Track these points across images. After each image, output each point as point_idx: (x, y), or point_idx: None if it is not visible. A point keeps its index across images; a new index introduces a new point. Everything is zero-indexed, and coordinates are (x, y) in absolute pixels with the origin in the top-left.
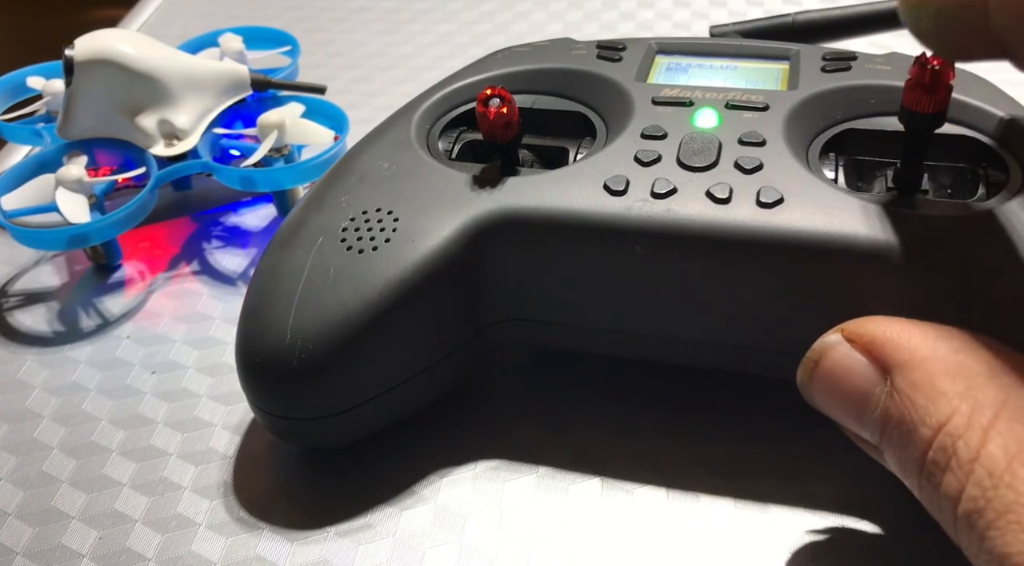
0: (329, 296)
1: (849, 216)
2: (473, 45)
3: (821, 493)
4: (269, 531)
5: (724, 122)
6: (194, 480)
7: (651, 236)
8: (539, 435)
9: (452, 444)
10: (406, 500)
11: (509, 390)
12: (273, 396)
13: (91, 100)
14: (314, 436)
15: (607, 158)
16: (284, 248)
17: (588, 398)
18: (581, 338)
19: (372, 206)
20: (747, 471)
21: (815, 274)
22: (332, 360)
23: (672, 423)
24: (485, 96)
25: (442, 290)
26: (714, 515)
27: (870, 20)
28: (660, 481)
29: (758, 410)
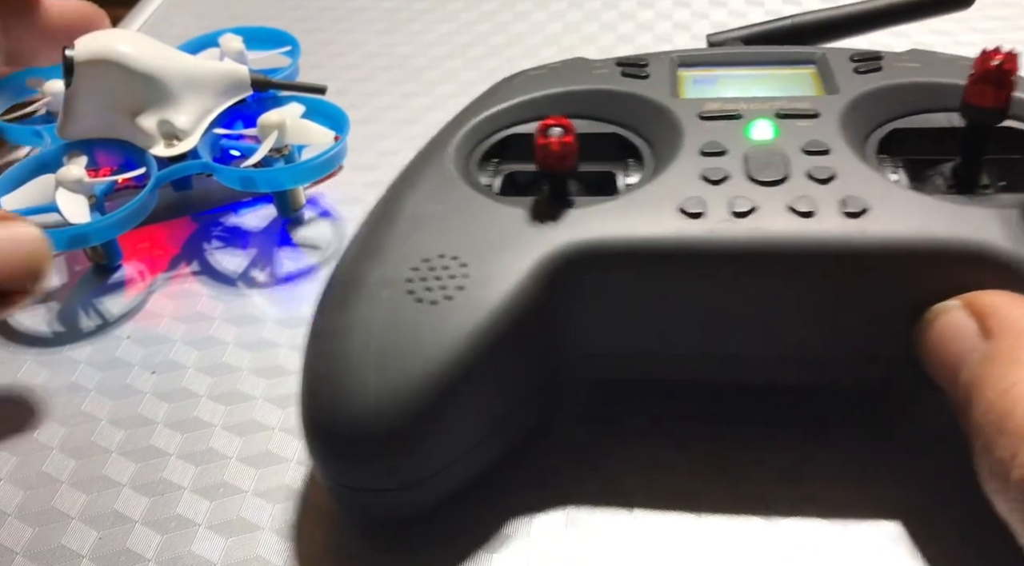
0: (410, 354)
1: (938, 218)
2: (473, 45)
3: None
4: (269, 531)
5: (781, 133)
6: (194, 480)
7: (739, 257)
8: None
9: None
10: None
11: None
12: (361, 469)
13: (91, 100)
14: (404, 506)
15: (671, 180)
16: (346, 306)
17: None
18: (662, 367)
19: (434, 253)
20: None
21: (910, 280)
22: (425, 422)
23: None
24: (545, 126)
25: (523, 334)
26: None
27: (867, 18)
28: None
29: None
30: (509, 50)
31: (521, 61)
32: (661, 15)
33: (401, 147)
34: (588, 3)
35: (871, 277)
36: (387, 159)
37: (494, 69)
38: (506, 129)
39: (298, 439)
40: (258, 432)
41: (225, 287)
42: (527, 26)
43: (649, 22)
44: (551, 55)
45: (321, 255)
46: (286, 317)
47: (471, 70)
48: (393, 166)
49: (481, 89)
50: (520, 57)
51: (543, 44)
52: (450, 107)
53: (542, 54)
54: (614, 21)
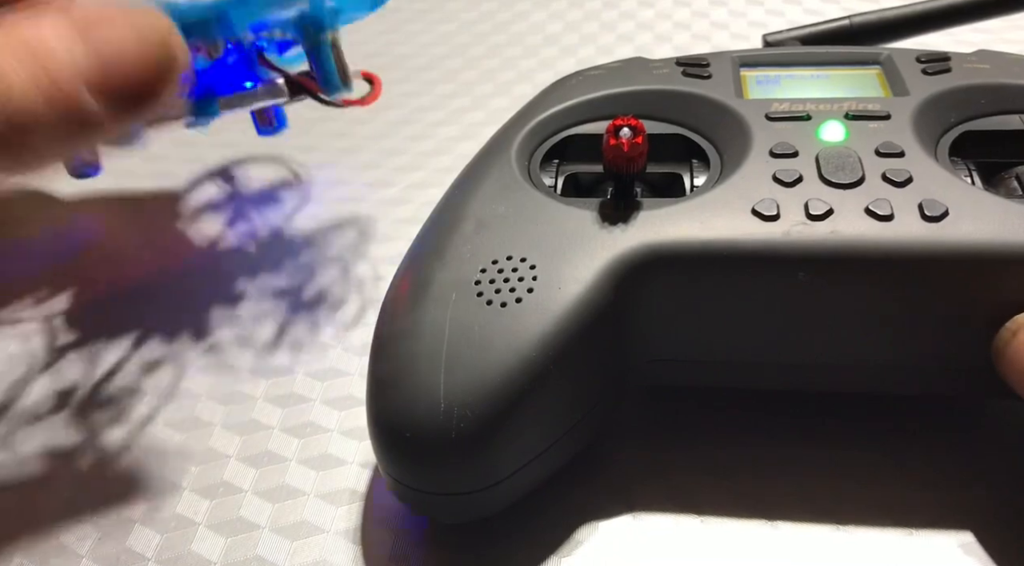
0: (481, 357)
1: (1020, 222)
2: (473, 45)
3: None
4: (268, 531)
5: (851, 134)
6: (194, 480)
7: (816, 261)
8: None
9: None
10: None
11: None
12: (430, 472)
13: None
14: (471, 509)
15: (742, 182)
16: (413, 308)
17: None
18: (729, 373)
19: (501, 254)
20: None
21: (991, 285)
22: (495, 426)
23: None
24: (615, 126)
25: (593, 337)
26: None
27: (927, 18)
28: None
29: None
30: (509, 50)
31: (521, 61)
32: (661, 15)
33: (401, 147)
34: (588, 3)
35: (951, 282)
36: (389, 160)
37: (494, 69)
38: (566, 130)
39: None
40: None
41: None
42: (527, 26)
43: (649, 22)
44: (551, 55)
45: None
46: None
47: (470, 70)
48: (394, 167)
49: (481, 89)
50: (520, 57)
51: (543, 44)
52: (450, 107)
53: (542, 54)
54: (614, 21)
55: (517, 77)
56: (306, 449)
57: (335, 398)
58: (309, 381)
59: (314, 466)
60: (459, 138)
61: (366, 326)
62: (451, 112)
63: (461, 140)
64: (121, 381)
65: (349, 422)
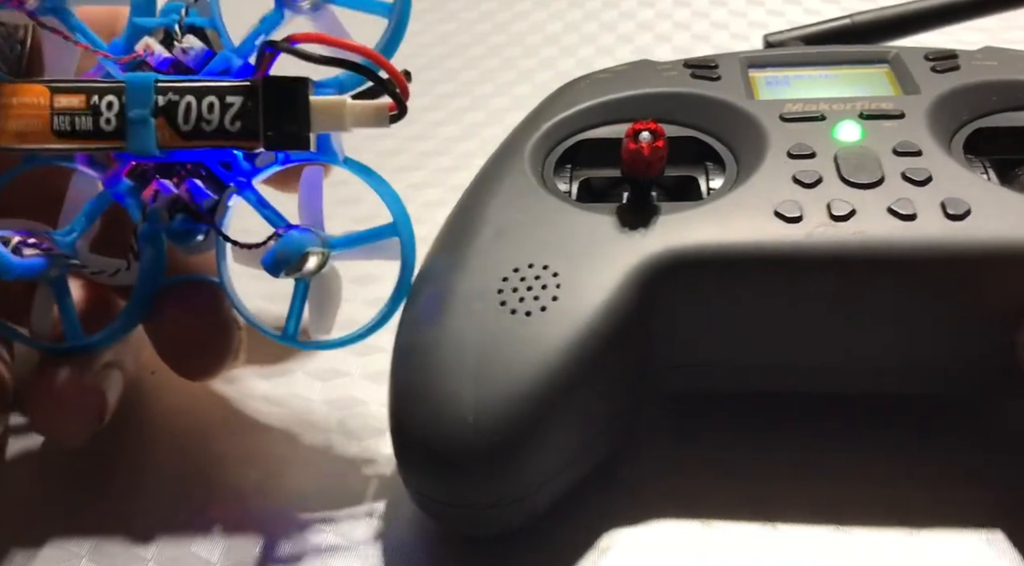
0: (508, 367)
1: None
2: (473, 45)
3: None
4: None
5: (867, 134)
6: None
7: (840, 262)
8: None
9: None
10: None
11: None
12: (460, 485)
13: None
14: (500, 522)
15: (761, 184)
16: (435, 319)
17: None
18: (753, 377)
19: (523, 262)
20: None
21: (1017, 282)
22: (524, 437)
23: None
24: (635, 130)
25: (620, 344)
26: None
27: (928, 16)
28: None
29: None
30: (509, 50)
31: (521, 61)
32: (661, 15)
33: (401, 148)
34: (588, 3)
35: (975, 281)
36: (386, 160)
37: (493, 69)
38: (578, 134)
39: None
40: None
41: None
42: (527, 26)
43: (649, 21)
44: (551, 55)
45: None
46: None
47: (470, 70)
48: (392, 168)
49: (480, 89)
50: (520, 57)
51: (543, 44)
52: (450, 107)
53: (542, 54)
54: (614, 21)
55: (517, 77)
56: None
57: (336, 398)
58: (308, 381)
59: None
60: (459, 138)
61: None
62: (451, 112)
63: (461, 140)
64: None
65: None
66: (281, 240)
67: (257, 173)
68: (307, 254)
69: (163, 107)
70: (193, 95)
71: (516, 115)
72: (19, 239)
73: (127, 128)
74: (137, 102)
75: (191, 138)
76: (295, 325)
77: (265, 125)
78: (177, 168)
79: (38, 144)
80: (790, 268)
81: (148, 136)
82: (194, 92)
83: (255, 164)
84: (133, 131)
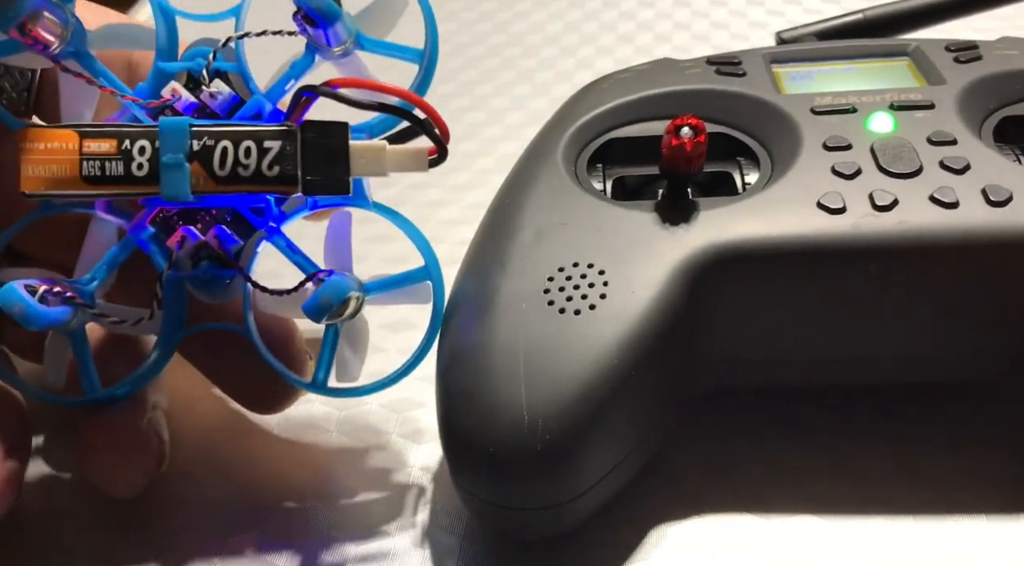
0: (560, 367)
1: None
2: (473, 45)
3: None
4: (269, 532)
5: (901, 124)
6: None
7: (886, 251)
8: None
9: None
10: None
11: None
12: (516, 487)
13: None
14: (553, 523)
15: (801, 176)
16: (482, 322)
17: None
18: (801, 370)
19: (567, 261)
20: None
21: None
22: (579, 437)
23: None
24: (676, 126)
25: (669, 341)
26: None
27: (940, 9)
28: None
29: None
30: (509, 50)
31: (521, 61)
32: (661, 15)
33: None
34: (588, 3)
35: (1021, 267)
36: None
37: (493, 69)
38: (607, 133)
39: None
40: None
41: None
42: (527, 26)
43: (649, 22)
44: (551, 55)
45: None
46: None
47: (470, 70)
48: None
49: (480, 88)
50: (520, 57)
51: (543, 44)
52: (451, 107)
53: (542, 54)
54: (614, 21)
55: (517, 77)
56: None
57: (341, 402)
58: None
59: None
60: (459, 138)
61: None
62: (451, 112)
63: (461, 140)
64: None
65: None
66: (324, 285)
67: (286, 219)
68: (348, 299)
69: (197, 152)
70: (229, 140)
71: (517, 115)
72: (45, 288)
73: (160, 173)
74: (172, 146)
75: (227, 183)
76: (325, 372)
77: (303, 170)
78: (201, 214)
79: (66, 190)
80: (836, 259)
81: (183, 181)
82: (231, 137)
83: (283, 209)
84: (167, 176)
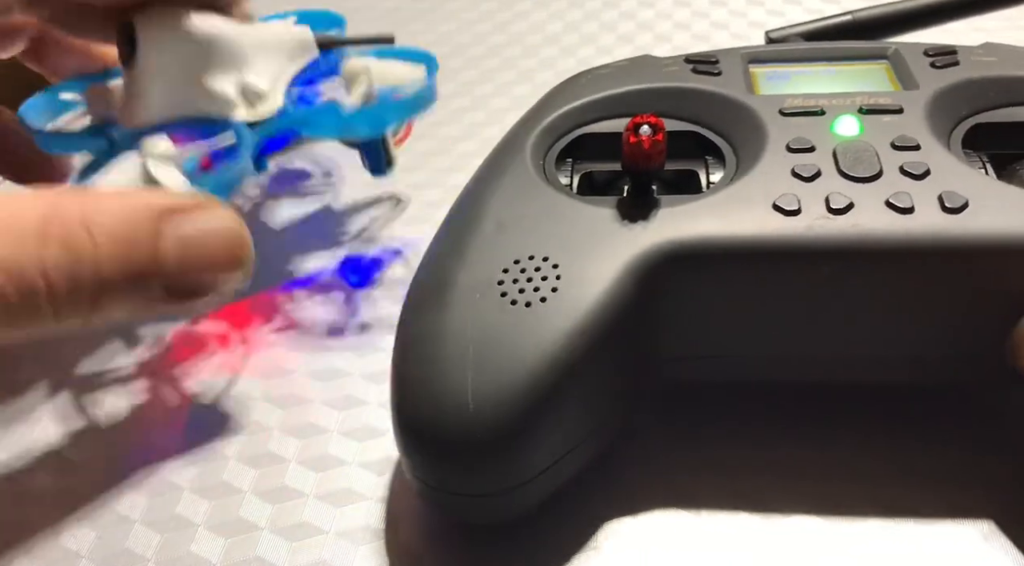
0: (506, 356)
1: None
2: (473, 45)
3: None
4: (269, 532)
5: (866, 128)
6: (192, 481)
7: (838, 255)
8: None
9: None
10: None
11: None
12: (460, 473)
13: (161, 75)
14: (500, 510)
15: (761, 177)
16: (436, 309)
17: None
18: (752, 368)
19: (524, 254)
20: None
21: (1013, 276)
22: (523, 426)
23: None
24: (635, 124)
25: (619, 336)
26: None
27: (929, 13)
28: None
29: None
30: (509, 49)
31: (521, 61)
32: (661, 15)
33: (402, 147)
34: (588, 3)
35: (972, 273)
36: None
37: (493, 69)
38: (579, 128)
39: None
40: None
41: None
42: (527, 25)
43: (649, 22)
44: (551, 55)
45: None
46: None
47: (470, 69)
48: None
49: (481, 88)
50: (520, 57)
51: (543, 44)
52: (451, 107)
53: (542, 53)
54: (614, 21)
55: (517, 77)
56: (307, 450)
57: (336, 397)
58: (309, 381)
59: (315, 467)
60: (459, 138)
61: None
62: (451, 112)
63: (461, 140)
64: (120, 379)
65: (349, 423)
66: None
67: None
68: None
69: None
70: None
71: (516, 115)
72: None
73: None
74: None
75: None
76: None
77: None
78: None
79: None
80: (788, 260)
81: None
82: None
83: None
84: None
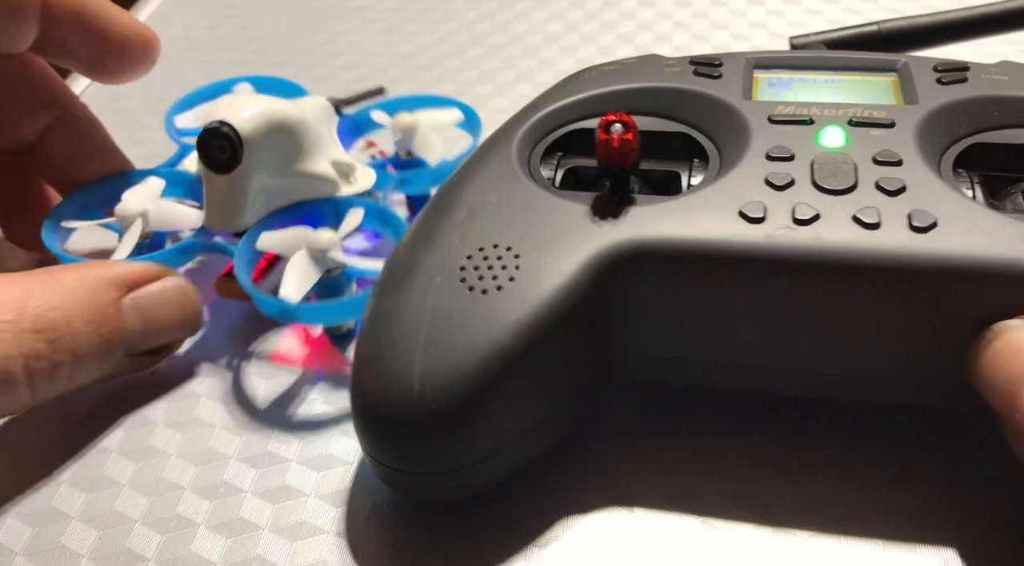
0: (457, 341)
1: (1008, 237)
2: (472, 45)
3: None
4: (269, 532)
5: (851, 141)
6: (193, 480)
7: (797, 266)
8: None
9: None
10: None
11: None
12: (403, 450)
13: (261, 174)
14: (443, 491)
15: (734, 182)
16: (399, 290)
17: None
18: (707, 373)
19: (488, 243)
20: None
21: (974, 299)
22: (466, 408)
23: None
24: (607, 122)
25: (571, 329)
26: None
27: (959, 27)
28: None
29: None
30: (509, 50)
31: (520, 61)
32: (662, 15)
33: None
34: (588, 3)
35: (933, 294)
36: None
37: (493, 69)
38: (573, 123)
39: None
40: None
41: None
42: (527, 25)
43: (649, 22)
44: (551, 55)
45: None
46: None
47: (470, 69)
48: None
49: (480, 88)
50: (520, 57)
51: (543, 44)
52: None
53: (542, 53)
54: (614, 21)
55: (517, 77)
56: (306, 450)
57: (335, 398)
58: (309, 380)
59: (314, 467)
60: (460, 138)
61: None
62: None
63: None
64: (120, 379)
65: (350, 423)
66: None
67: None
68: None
69: None
70: None
71: None
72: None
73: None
74: None
75: None
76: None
77: None
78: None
79: None
80: (746, 268)
81: None
82: None
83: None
84: None
